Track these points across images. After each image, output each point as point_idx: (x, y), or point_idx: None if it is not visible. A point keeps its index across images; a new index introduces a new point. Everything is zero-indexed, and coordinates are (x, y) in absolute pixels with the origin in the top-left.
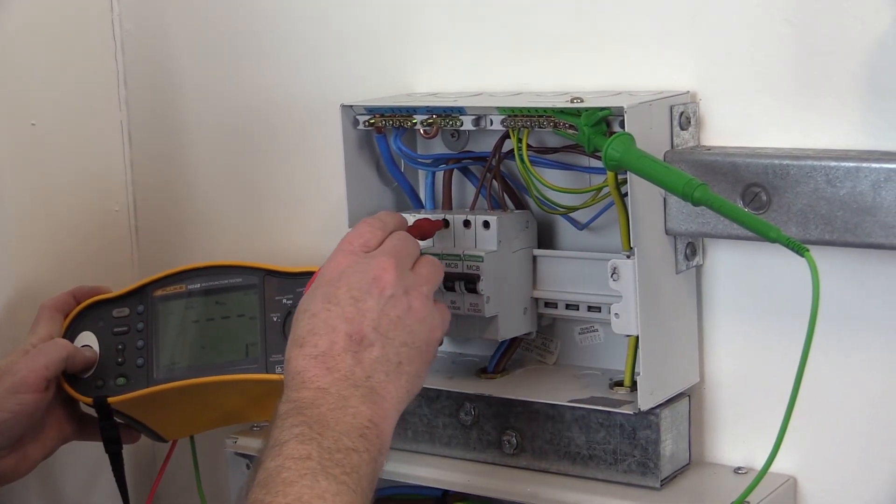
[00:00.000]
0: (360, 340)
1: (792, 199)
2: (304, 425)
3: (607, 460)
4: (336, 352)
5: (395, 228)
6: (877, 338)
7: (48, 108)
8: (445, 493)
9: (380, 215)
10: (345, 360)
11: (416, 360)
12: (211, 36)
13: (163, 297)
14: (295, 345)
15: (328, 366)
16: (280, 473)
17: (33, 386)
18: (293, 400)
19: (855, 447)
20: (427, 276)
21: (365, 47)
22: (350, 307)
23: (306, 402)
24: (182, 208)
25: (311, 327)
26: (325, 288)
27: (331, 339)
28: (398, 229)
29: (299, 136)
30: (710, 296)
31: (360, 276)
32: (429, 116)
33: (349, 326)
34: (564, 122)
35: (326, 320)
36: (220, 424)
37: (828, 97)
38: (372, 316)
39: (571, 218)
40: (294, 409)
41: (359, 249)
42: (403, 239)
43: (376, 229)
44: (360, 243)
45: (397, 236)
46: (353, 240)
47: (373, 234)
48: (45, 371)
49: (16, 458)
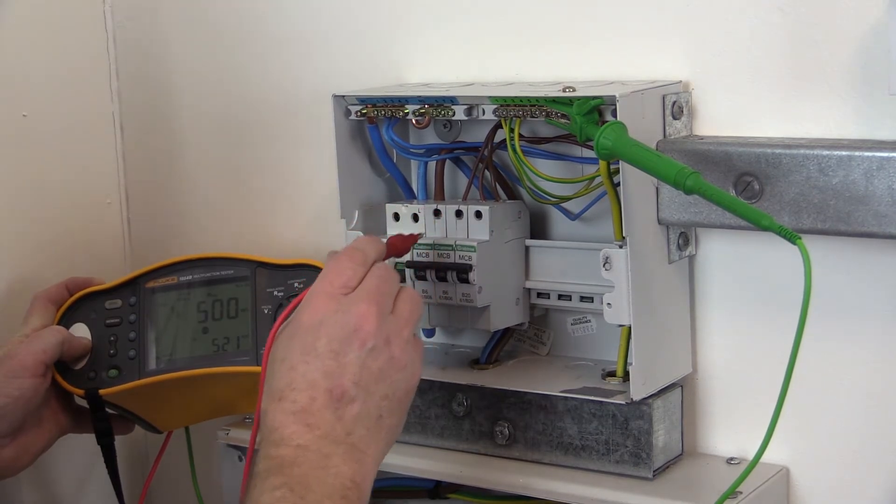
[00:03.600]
0: (341, 396)
1: (784, 188)
2: (286, 487)
3: (599, 451)
4: (316, 408)
5: (376, 258)
6: (869, 326)
7: (39, 100)
8: (438, 484)
9: (360, 245)
10: (325, 417)
11: (396, 412)
12: (203, 27)
13: (155, 288)
14: (272, 398)
15: (308, 422)
16: None
17: (31, 370)
18: (272, 457)
19: (848, 437)
20: (408, 315)
21: (357, 38)
22: (330, 360)
23: (286, 460)
24: (174, 200)
25: (290, 381)
26: (304, 337)
27: (310, 394)
28: (378, 258)
29: (291, 128)
30: (702, 285)
31: (339, 327)
32: (421, 106)
33: (329, 381)
34: (556, 112)
35: (305, 374)
36: (215, 415)
37: (820, 86)
38: (353, 370)
39: (564, 208)
40: (274, 467)
41: (338, 291)
42: (384, 276)
43: (357, 265)
44: (341, 283)
45: (377, 273)
46: (334, 279)
47: (354, 271)
48: (43, 355)
49: (16, 449)
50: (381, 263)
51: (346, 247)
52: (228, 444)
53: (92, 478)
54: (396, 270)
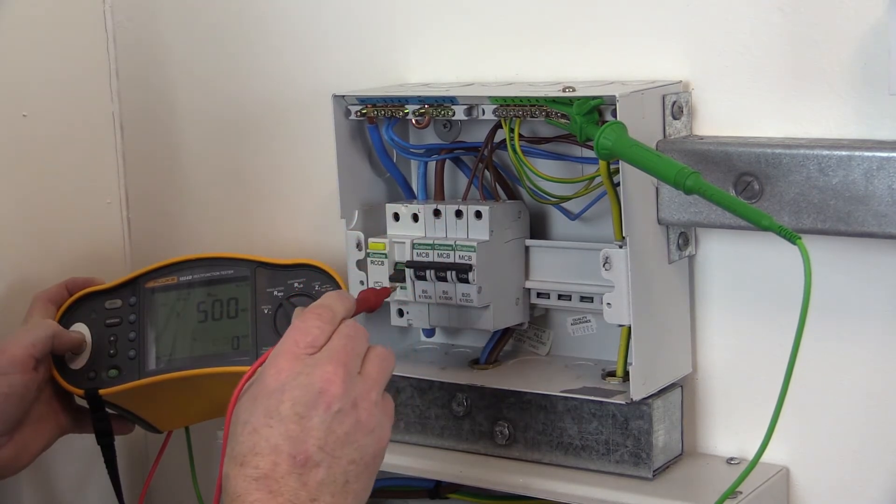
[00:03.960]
0: (305, 462)
1: (784, 188)
2: None
3: (599, 451)
4: (279, 474)
5: (345, 316)
6: (869, 326)
7: (40, 100)
8: (438, 484)
9: (327, 302)
10: (288, 483)
11: (363, 477)
12: (203, 27)
13: (155, 288)
14: (234, 463)
15: (271, 489)
16: None
17: (21, 365)
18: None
19: (848, 437)
20: (376, 376)
21: (357, 38)
22: (293, 424)
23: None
24: (174, 200)
25: (252, 445)
26: (267, 400)
27: (273, 459)
28: (347, 316)
29: (292, 128)
30: (702, 285)
31: (304, 389)
32: (421, 106)
33: (292, 446)
34: (556, 112)
35: (268, 438)
36: (214, 416)
37: (820, 86)
38: (317, 434)
39: (564, 208)
40: None
41: (304, 351)
42: (352, 335)
43: (325, 323)
44: (307, 343)
45: (345, 332)
46: (299, 339)
47: (321, 329)
48: (32, 349)
49: (15, 448)
50: (349, 321)
51: (312, 304)
52: None
53: (92, 478)
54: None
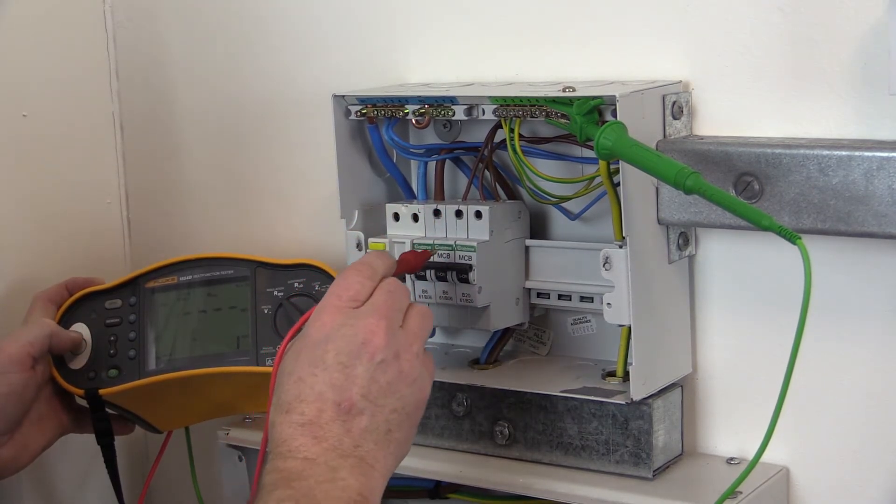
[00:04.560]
0: (349, 409)
1: (784, 188)
2: (292, 500)
3: (599, 451)
4: (324, 420)
5: (385, 273)
6: (869, 326)
7: (40, 100)
8: (438, 484)
9: (368, 260)
10: (333, 430)
11: (405, 426)
12: (203, 28)
13: (155, 288)
14: (280, 410)
15: (315, 435)
16: None
17: (18, 364)
18: (279, 470)
19: (848, 437)
20: (417, 331)
21: (357, 38)
22: (338, 373)
23: (293, 473)
24: (174, 200)
25: (298, 393)
26: (312, 350)
27: (318, 406)
28: (388, 274)
29: (292, 128)
30: (702, 285)
31: (348, 340)
32: (421, 106)
33: (337, 394)
34: (556, 112)
35: (313, 386)
36: (214, 416)
37: (820, 86)
38: (361, 383)
39: (564, 208)
40: (280, 480)
41: (347, 305)
42: (394, 290)
43: (366, 279)
44: (349, 297)
45: (387, 287)
46: (342, 293)
47: (362, 285)
48: (30, 347)
49: (15, 448)
50: (390, 278)
51: (354, 262)
52: (228, 444)
53: (92, 478)
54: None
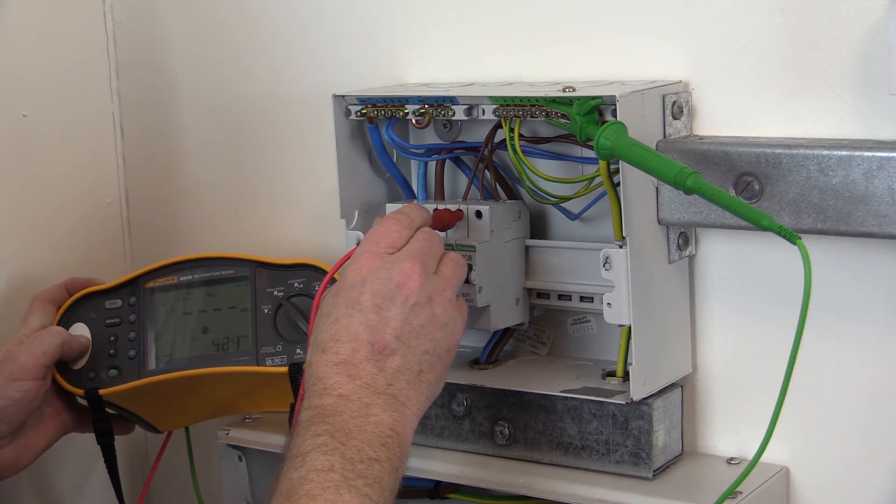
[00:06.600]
0: (383, 349)
1: (784, 189)
2: (327, 434)
3: (599, 451)
4: (358, 360)
5: (421, 224)
6: (869, 326)
7: (40, 100)
8: (438, 484)
9: (406, 210)
10: (366, 368)
11: (436, 367)
12: (203, 27)
13: (155, 288)
14: (317, 350)
15: (350, 373)
16: (303, 486)
17: (32, 373)
18: (315, 407)
19: (848, 437)
20: (451, 277)
21: (357, 38)
22: (373, 314)
23: (328, 409)
24: (174, 200)
25: (334, 333)
26: (349, 292)
27: (353, 346)
28: (423, 225)
29: (292, 128)
30: (702, 285)
31: (384, 282)
32: (421, 106)
33: (372, 334)
34: (556, 112)
35: (349, 327)
36: (214, 416)
37: (820, 86)
38: (395, 324)
39: (564, 208)
40: (316, 416)
41: (384, 250)
42: (429, 238)
43: (403, 227)
44: (387, 244)
45: (423, 235)
46: (380, 239)
47: (399, 233)
48: (44, 357)
49: (17, 448)
50: (425, 228)
51: (392, 211)
52: (228, 444)
53: (92, 478)
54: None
